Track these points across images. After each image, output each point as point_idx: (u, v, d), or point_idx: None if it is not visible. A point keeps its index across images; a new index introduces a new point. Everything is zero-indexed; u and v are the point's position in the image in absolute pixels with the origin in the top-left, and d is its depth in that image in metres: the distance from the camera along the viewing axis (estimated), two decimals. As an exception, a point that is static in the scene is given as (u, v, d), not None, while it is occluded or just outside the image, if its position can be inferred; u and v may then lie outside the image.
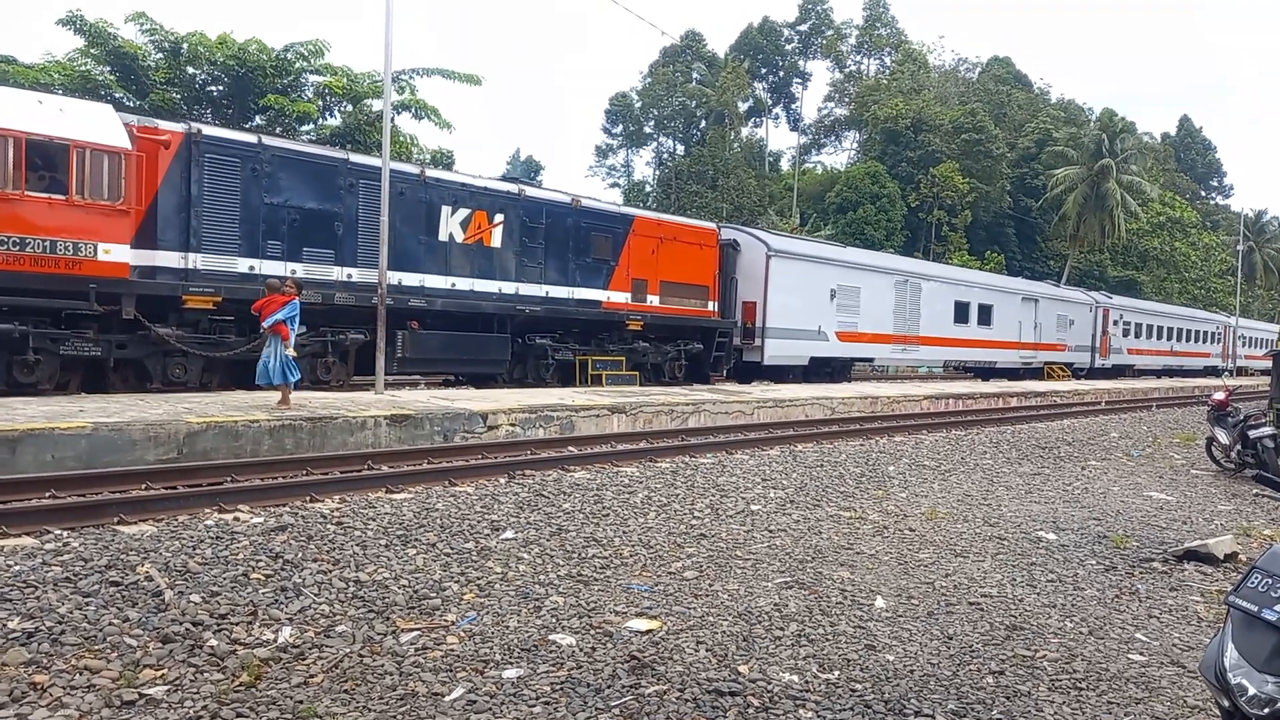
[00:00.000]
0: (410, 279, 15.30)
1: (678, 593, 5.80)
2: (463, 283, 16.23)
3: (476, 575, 5.90)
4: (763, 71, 70.60)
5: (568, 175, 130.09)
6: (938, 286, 28.69)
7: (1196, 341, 47.04)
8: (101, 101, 15.49)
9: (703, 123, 63.86)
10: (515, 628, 5.02)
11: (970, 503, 9.48)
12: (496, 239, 16.85)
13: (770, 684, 4.41)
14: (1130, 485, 11.32)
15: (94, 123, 11.87)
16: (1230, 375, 45.14)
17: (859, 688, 4.43)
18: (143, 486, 7.74)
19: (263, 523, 6.72)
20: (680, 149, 65.66)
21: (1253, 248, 65.46)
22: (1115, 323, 39.19)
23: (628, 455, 11.04)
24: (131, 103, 22.92)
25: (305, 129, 26.57)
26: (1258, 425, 12.34)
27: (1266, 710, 2.62)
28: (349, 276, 14.59)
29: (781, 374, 23.24)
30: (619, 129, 68.99)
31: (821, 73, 79.10)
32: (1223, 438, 12.80)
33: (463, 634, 4.90)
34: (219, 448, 9.56)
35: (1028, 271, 54.06)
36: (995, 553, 7.29)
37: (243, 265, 13.41)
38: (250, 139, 14.15)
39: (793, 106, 73.60)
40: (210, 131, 13.45)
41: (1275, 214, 77.58)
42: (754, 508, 8.49)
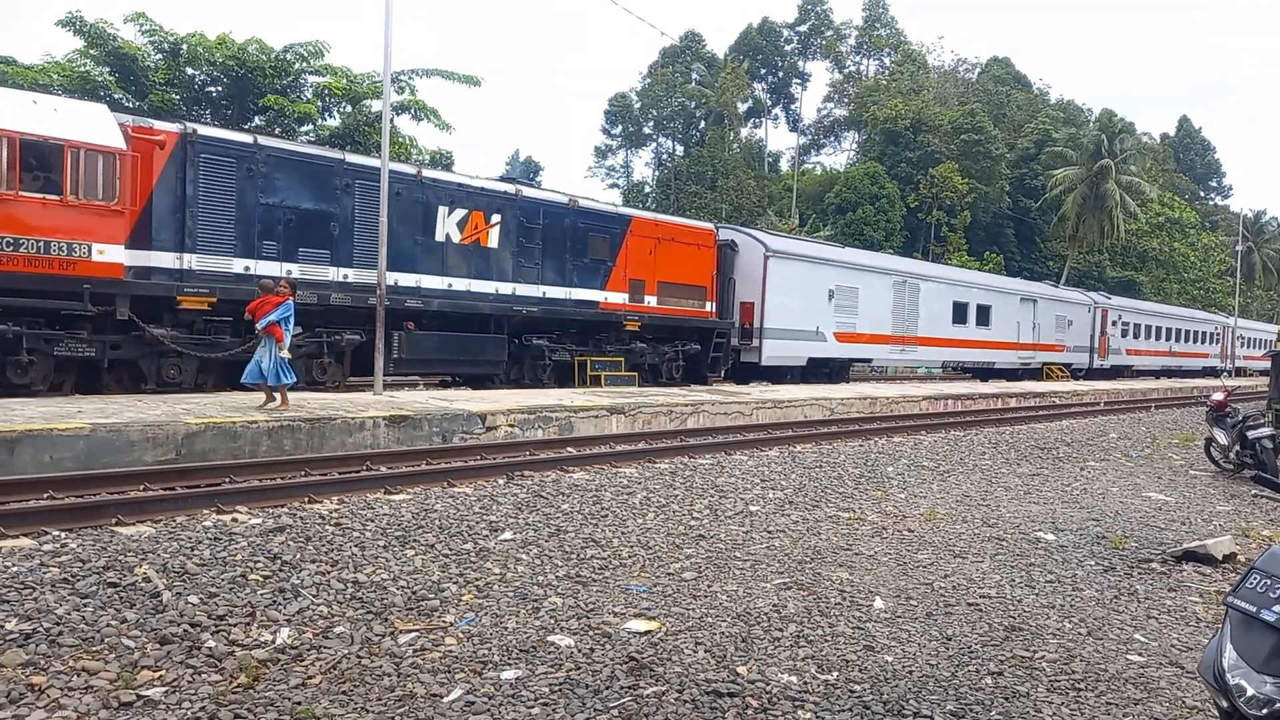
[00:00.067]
0: (406, 279, 15.27)
1: (676, 594, 5.79)
2: (459, 283, 16.22)
3: (475, 576, 5.90)
4: (762, 72, 70.67)
5: (567, 176, 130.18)
6: (936, 287, 28.68)
7: (1195, 342, 47.03)
8: (101, 103, 15.48)
9: (702, 123, 63.92)
10: (514, 629, 5.01)
11: (969, 503, 9.48)
12: (493, 239, 16.84)
13: (769, 685, 4.41)
14: (1129, 486, 11.33)
15: (89, 123, 11.83)
16: (1229, 376, 45.15)
17: (857, 689, 4.43)
18: (141, 487, 7.73)
19: (261, 524, 6.71)
20: (679, 150, 65.70)
21: (1252, 248, 65.52)
22: (1114, 323, 39.19)
23: (626, 456, 11.03)
24: (131, 104, 22.93)
25: (305, 130, 26.58)
26: (1256, 426, 12.36)
27: (1265, 711, 2.62)
28: (345, 277, 14.57)
29: (779, 375, 23.24)
30: (618, 130, 69.04)
31: (821, 73, 79.34)
32: (1221, 438, 12.81)
33: (461, 635, 4.90)
34: (217, 449, 9.56)
35: (1027, 272, 54.09)
36: (994, 553, 7.29)
37: (238, 266, 13.39)
38: (246, 139, 14.14)
39: (792, 107, 73.74)
40: (205, 131, 13.42)
41: (1274, 214, 77.85)
42: (753, 509, 8.48)
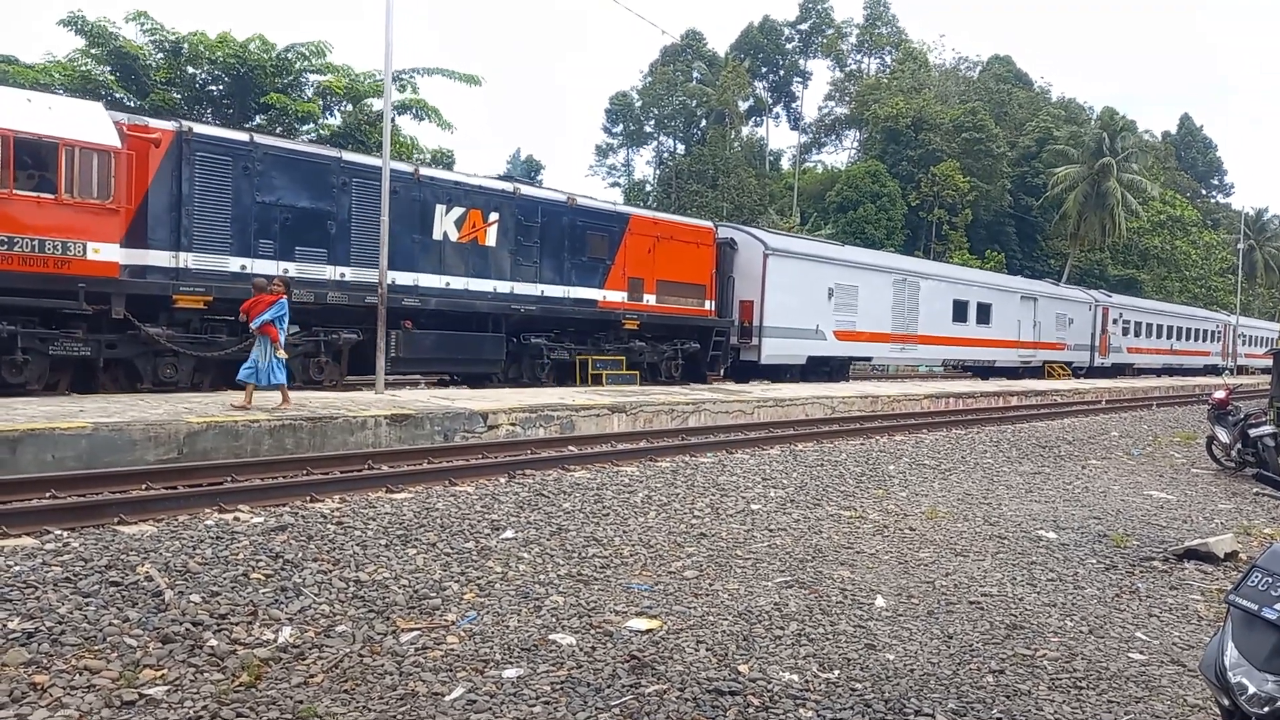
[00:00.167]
0: (404, 278, 15.21)
1: (678, 592, 5.79)
2: (457, 282, 16.18)
3: (477, 575, 5.90)
4: (763, 70, 70.64)
5: (568, 175, 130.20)
6: (936, 285, 28.66)
7: (1196, 340, 46.99)
8: (102, 102, 15.48)
9: (703, 122, 63.88)
10: (515, 627, 5.02)
11: (970, 502, 9.48)
12: (491, 238, 16.82)
13: (770, 683, 4.41)
14: (1130, 484, 11.32)
15: (84, 121, 11.79)
16: (1230, 374, 45.17)
17: (859, 687, 4.43)
18: (143, 486, 7.75)
19: (263, 522, 6.72)
20: (680, 148, 65.67)
21: (1253, 246, 65.48)
22: (1115, 321, 39.15)
23: (628, 455, 11.04)
24: (132, 103, 22.93)
25: (306, 129, 26.58)
26: (1258, 424, 12.35)
27: (1266, 709, 2.62)
28: (342, 276, 14.54)
29: (779, 373, 23.23)
30: (619, 128, 68.99)
31: (822, 72, 79.17)
32: (1223, 436, 12.80)
33: (463, 634, 4.90)
34: (219, 448, 9.57)
35: (1028, 270, 54.03)
36: (995, 552, 7.29)
37: (234, 264, 13.34)
38: (242, 137, 14.10)
39: (793, 105, 73.68)
40: (201, 130, 13.39)
41: (1276, 212, 77.69)
42: (754, 507, 8.49)
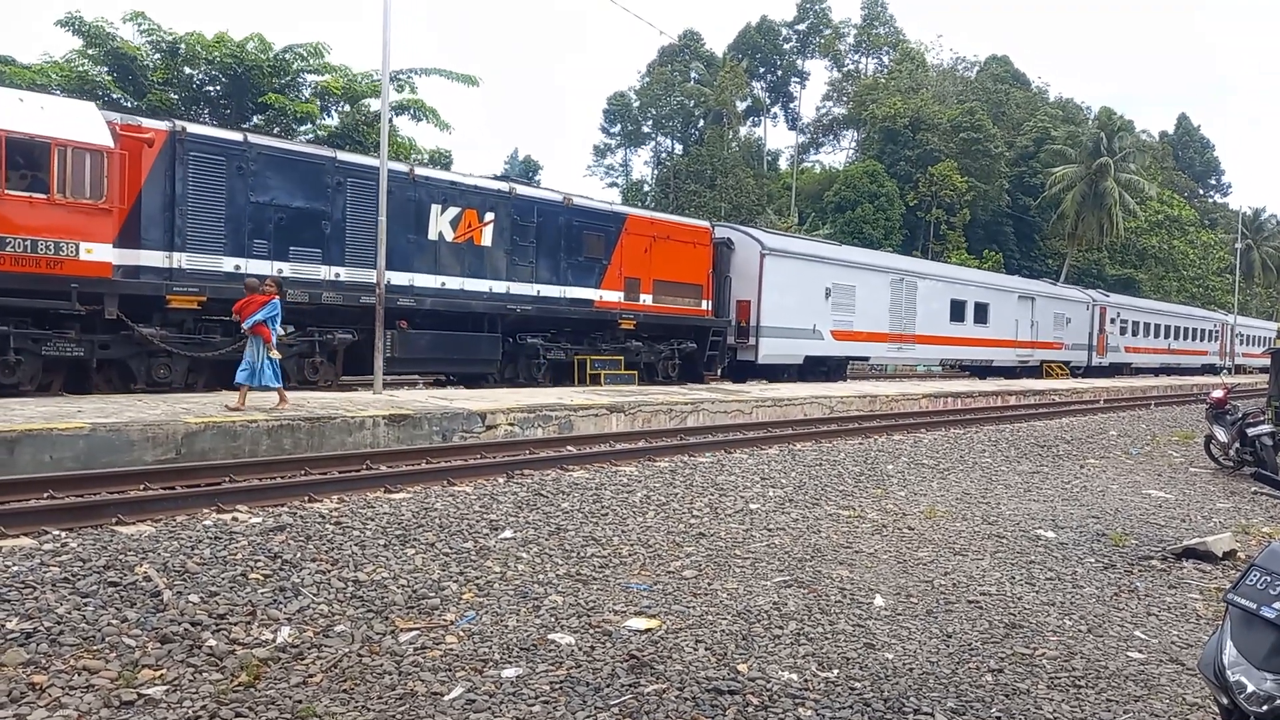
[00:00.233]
0: (399, 278, 15.15)
1: (677, 591, 5.79)
2: (452, 282, 16.16)
3: (475, 575, 5.90)
4: (761, 71, 70.67)
5: (566, 175, 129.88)
6: (934, 285, 28.68)
7: (1194, 339, 47.05)
8: (99, 102, 15.46)
9: (701, 122, 63.93)
10: (514, 627, 5.02)
11: (969, 501, 9.48)
12: (487, 238, 16.80)
13: (769, 682, 4.41)
14: (1129, 483, 11.33)
15: (76, 121, 11.75)
16: (1228, 373, 45.22)
17: (858, 686, 4.43)
18: (141, 487, 7.74)
19: (261, 523, 6.71)
20: (678, 148, 65.69)
21: (1251, 246, 65.56)
22: (1112, 321, 39.18)
23: (626, 454, 11.04)
24: (129, 103, 22.91)
25: (304, 129, 26.57)
26: (1256, 423, 12.36)
27: (1265, 708, 2.62)
28: (336, 276, 14.50)
29: (776, 373, 23.23)
30: (617, 129, 68.99)
31: (820, 72, 79.45)
32: (1221, 435, 12.81)
33: (462, 633, 4.90)
34: (217, 448, 9.56)
35: (1026, 270, 54.09)
36: (994, 551, 7.29)
37: (228, 264, 13.29)
38: (236, 137, 14.06)
39: (791, 106, 73.74)
40: (195, 129, 13.35)
41: (1274, 212, 78.11)
42: (753, 507, 8.49)
